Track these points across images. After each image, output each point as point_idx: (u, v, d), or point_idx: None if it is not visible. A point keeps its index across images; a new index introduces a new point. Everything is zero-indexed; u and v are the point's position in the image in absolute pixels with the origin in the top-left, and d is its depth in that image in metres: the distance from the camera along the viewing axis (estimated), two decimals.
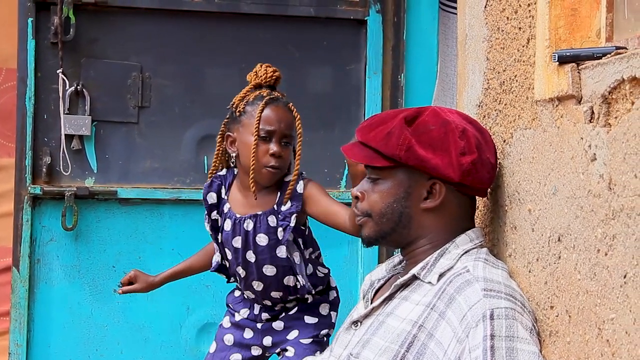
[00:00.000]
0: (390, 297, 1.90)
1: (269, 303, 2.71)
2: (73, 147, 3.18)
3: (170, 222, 3.27)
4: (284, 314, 2.74)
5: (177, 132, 3.13)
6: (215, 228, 2.69)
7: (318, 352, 2.71)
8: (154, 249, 3.26)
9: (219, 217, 2.69)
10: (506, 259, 1.94)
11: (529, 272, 1.82)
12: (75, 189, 3.15)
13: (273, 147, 2.58)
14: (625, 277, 1.42)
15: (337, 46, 3.36)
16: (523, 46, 1.87)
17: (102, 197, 3.20)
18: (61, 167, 3.19)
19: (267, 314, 2.73)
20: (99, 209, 3.22)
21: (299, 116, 2.66)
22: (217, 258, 2.72)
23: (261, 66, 2.69)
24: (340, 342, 1.95)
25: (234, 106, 2.67)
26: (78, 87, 3.17)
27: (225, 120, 2.70)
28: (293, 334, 2.74)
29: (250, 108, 2.61)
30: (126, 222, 3.24)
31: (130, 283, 2.83)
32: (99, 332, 3.24)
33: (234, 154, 2.65)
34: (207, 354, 2.85)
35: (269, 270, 2.63)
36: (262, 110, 2.58)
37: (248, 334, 2.78)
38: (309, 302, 2.74)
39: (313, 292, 2.70)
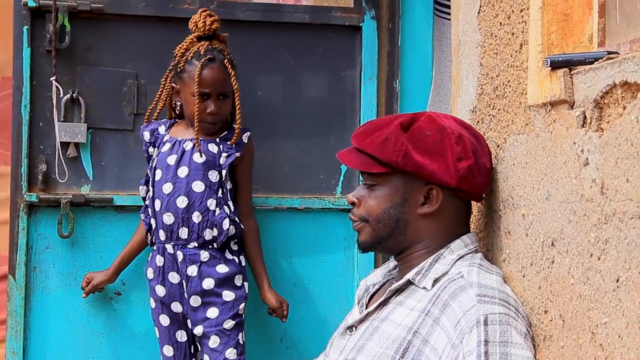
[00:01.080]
0: (385, 302, 1.90)
1: (184, 234, 2.90)
2: (69, 155, 3.18)
3: None
4: (200, 287, 2.90)
5: None
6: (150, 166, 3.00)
7: (241, 333, 2.95)
8: None
9: (155, 150, 3.00)
10: (500, 264, 1.95)
11: (523, 276, 1.82)
12: (71, 196, 3.15)
13: (210, 106, 2.92)
14: (617, 281, 1.42)
15: (332, 52, 3.37)
16: (516, 51, 1.88)
17: (98, 204, 3.19)
18: (57, 175, 3.18)
19: (181, 253, 2.91)
20: (95, 217, 3.22)
21: (233, 72, 2.97)
22: (142, 192, 3.02)
23: (200, 15, 2.99)
24: (335, 347, 1.95)
25: (176, 60, 2.99)
26: (73, 94, 3.17)
27: (170, 67, 3.03)
28: (212, 312, 2.92)
29: (189, 67, 2.94)
30: (122, 229, 3.23)
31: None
32: (96, 340, 3.24)
33: (179, 103, 3.02)
34: (159, 340, 3.04)
35: (198, 186, 2.91)
36: (199, 74, 2.90)
37: (176, 307, 2.97)
38: (225, 272, 2.91)
39: (228, 233, 2.91)
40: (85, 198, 3.17)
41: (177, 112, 3.06)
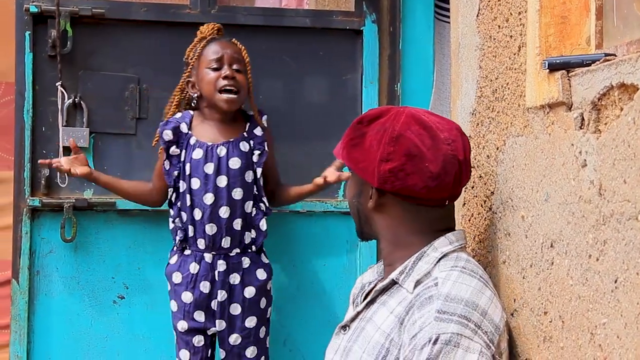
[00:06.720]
0: (372, 301, 1.91)
1: (227, 243, 2.91)
2: None
3: (169, 233, 3.27)
4: (241, 296, 2.93)
5: None
6: (172, 164, 2.94)
7: (268, 338, 3.02)
8: (153, 260, 3.27)
9: (182, 151, 2.94)
10: (500, 266, 1.95)
11: (523, 278, 1.82)
12: (73, 200, 3.16)
13: (224, 71, 2.91)
14: (616, 281, 1.43)
15: (333, 56, 3.38)
16: (514, 54, 1.88)
17: (101, 208, 3.21)
18: (58, 180, 3.19)
19: (224, 262, 2.92)
20: (97, 221, 3.23)
21: (244, 47, 2.99)
22: (171, 196, 2.96)
23: (204, 25, 3.05)
24: (331, 347, 1.97)
25: (186, 58, 3.01)
26: (76, 99, 3.19)
27: (183, 75, 3.02)
28: (251, 322, 2.97)
29: (198, 49, 2.96)
30: (125, 233, 3.25)
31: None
32: (99, 343, 3.25)
33: (195, 95, 2.98)
34: (176, 344, 3.02)
35: (238, 193, 2.92)
36: (204, 47, 2.95)
37: (199, 316, 2.95)
38: (264, 279, 2.97)
39: (266, 234, 2.97)
40: (87, 202, 3.18)
41: (194, 105, 3.03)
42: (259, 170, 2.96)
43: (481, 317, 1.74)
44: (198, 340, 2.96)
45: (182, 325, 2.96)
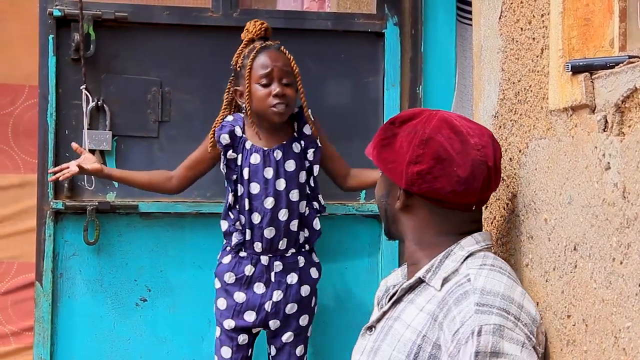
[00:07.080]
0: (398, 300, 1.91)
1: (284, 245, 2.94)
2: None
3: (192, 236, 3.29)
4: (298, 295, 2.98)
5: (197, 146, 3.15)
6: (230, 168, 2.95)
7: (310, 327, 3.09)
8: (176, 263, 3.28)
9: (238, 155, 2.94)
10: (523, 269, 1.94)
11: (546, 281, 1.82)
12: (96, 203, 3.18)
13: (274, 88, 2.89)
14: None
15: (355, 59, 3.38)
16: (537, 56, 1.88)
17: (124, 211, 3.22)
18: (84, 182, 3.21)
19: (280, 263, 2.95)
20: (120, 223, 3.25)
21: (292, 57, 2.97)
22: (230, 199, 2.95)
23: (250, 22, 3.04)
24: (357, 348, 1.97)
25: (234, 64, 2.99)
26: (99, 102, 3.20)
27: (231, 79, 3.02)
28: (305, 320, 3.03)
29: (246, 61, 2.93)
30: (147, 236, 3.26)
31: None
32: (122, 346, 3.26)
33: (244, 105, 2.94)
34: (217, 339, 3.03)
35: (295, 195, 2.95)
36: (254, 59, 2.90)
37: (249, 316, 2.98)
38: (317, 277, 3.03)
39: (320, 233, 3.01)
40: (110, 205, 3.19)
41: (248, 113, 2.97)
42: (316, 168, 3.00)
43: (519, 310, 1.75)
44: (243, 339, 2.99)
45: (229, 323, 2.98)
